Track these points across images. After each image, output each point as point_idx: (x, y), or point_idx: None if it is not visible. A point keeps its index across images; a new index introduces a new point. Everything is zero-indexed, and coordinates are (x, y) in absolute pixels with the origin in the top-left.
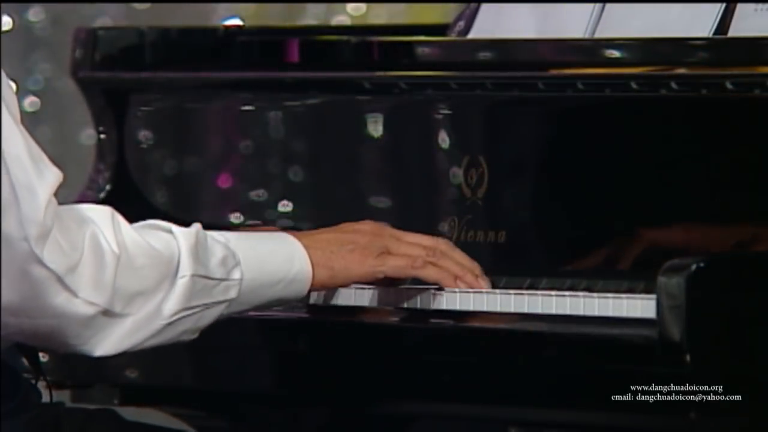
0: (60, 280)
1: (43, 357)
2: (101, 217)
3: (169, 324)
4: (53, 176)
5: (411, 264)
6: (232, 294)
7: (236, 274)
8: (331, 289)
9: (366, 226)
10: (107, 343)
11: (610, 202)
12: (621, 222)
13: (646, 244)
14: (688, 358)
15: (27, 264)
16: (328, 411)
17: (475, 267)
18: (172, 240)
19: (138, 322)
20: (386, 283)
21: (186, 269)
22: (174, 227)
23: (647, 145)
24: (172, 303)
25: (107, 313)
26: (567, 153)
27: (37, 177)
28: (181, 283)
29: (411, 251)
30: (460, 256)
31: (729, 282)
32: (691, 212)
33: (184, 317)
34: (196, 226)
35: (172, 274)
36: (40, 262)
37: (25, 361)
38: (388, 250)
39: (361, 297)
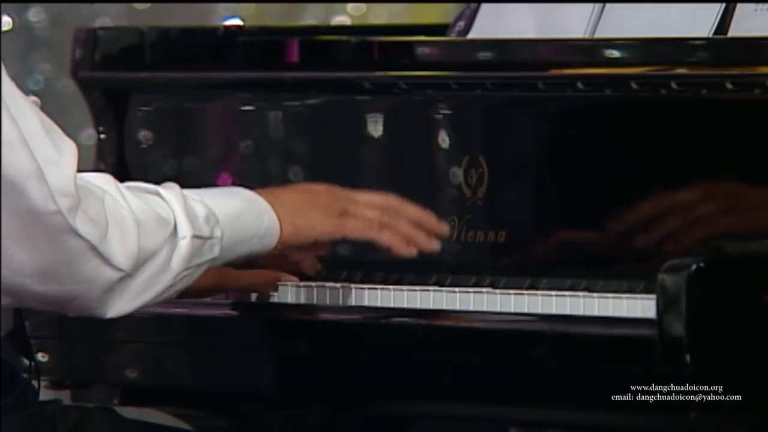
0: (94, 248)
1: (42, 357)
2: (108, 184)
3: (171, 285)
4: (72, 148)
5: (369, 226)
6: (216, 252)
7: (218, 232)
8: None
9: (320, 186)
10: (119, 304)
11: (610, 202)
12: (621, 222)
13: (645, 244)
14: (688, 358)
15: (62, 235)
16: (327, 412)
17: (429, 219)
18: (163, 202)
19: (145, 282)
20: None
21: (185, 230)
22: (160, 189)
23: (647, 145)
24: (176, 263)
25: (126, 276)
26: (567, 153)
27: (57, 150)
28: (183, 243)
29: (367, 213)
30: (412, 211)
31: (729, 282)
32: (691, 212)
33: (183, 277)
34: (176, 186)
35: (172, 236)
36: (77, 233)
37: (23, 361)
38: (346, 210)
39: (362, 297)
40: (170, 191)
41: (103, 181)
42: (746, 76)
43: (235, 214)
